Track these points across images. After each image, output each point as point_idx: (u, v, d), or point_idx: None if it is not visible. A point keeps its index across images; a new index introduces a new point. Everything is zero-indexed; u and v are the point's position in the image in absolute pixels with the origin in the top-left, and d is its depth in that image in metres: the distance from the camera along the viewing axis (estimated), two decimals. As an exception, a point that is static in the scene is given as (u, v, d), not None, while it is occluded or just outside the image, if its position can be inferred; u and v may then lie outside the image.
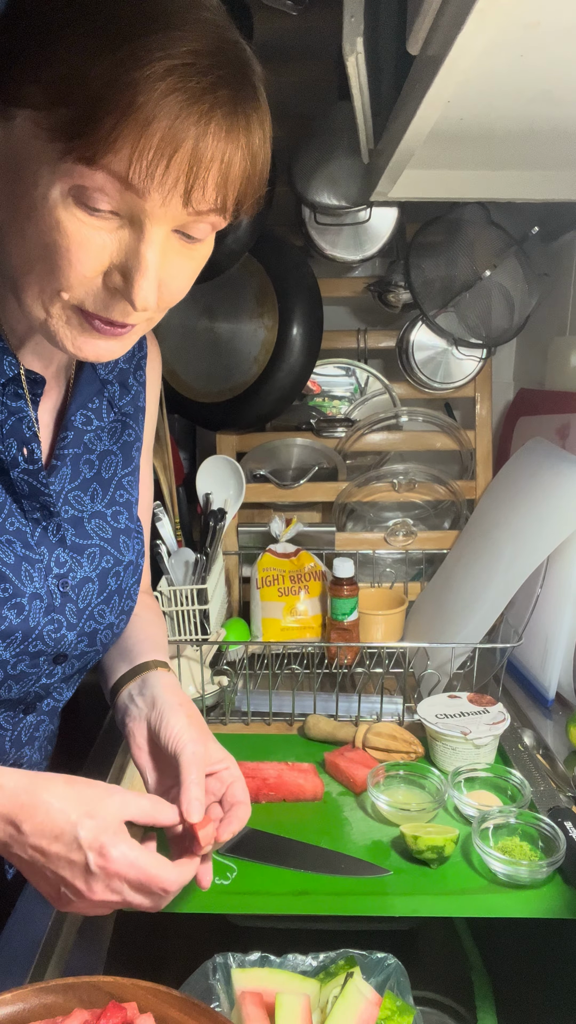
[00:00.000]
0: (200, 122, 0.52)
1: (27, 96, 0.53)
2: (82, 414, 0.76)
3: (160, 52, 0.51)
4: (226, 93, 0.54)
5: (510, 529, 1.24)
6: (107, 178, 0.53)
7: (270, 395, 1.39)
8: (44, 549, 0.72)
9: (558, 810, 0.88)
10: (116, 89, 0.50)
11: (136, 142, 0.51)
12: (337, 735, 1.08)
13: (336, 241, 1.38)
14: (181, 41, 0.51)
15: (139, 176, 0.52)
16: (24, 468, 0.69)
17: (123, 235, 0.56)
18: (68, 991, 0.61)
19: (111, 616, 0.78)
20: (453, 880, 0.82)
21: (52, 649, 0.73)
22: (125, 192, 0.53)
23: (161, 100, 0.51)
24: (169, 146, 0.52)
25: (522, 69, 0.66)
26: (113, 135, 0.51)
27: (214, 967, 0.73)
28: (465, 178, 1.08)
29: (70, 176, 0.53)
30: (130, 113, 0.50)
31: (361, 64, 0.77)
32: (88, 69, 0.51)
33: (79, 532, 0.75)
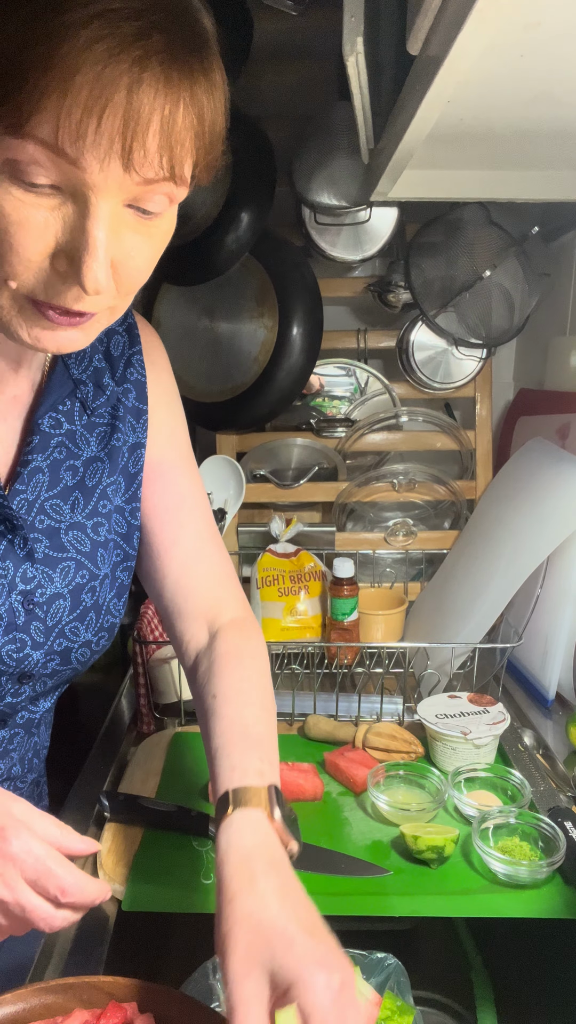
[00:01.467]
0: (132, 70, 0.46)
1: None
2: (51, 417, 0.70)
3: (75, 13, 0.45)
4: (161, 39, 0.47)
5: (510, 529, 1.24)
6: (37, 146, 0.47)
7: (270, 395, 1.39)
8: (9, 563, 0.66)
9: (558, 810, 0.88)
10: (34, 41, 0.44)
11: (61, 99, 0.45)
12: (337, 735, 1.08)
13: (336, 241, 1.38)
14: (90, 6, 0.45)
15: (69, 138, 0.46)
16: None
17: (67, 212, 0.50)
18: (68, 991, 0.61)
19: (87, 634, 0.72)
20: (453, 880, 0.82)
21: (14, 669, 0.68)
22: (59, 161, 0.47)
23: (85, 49, 0.45)
24: (98, 101, 0.46)
25: (522, 69, 0.66)
26: (35, 94, 0.45)
27: (214, 967, 0.73)
28: (465, 178, 1.08)
29: (0, 151, 0.47)
30: (51, 66, 0.44)
31: (361, 64, 0.77)
32: (3, 23, 0.45)
33: (54, 545, 0.69)
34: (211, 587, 0.80)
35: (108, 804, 0.90)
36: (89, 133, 0.46)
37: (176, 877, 0.82)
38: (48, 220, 0.50)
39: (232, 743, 0.67)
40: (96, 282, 0.51)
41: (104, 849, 0.86)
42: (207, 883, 0.81)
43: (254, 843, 0.59)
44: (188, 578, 0.79)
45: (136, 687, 1.13)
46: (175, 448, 0.80)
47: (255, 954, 0.52)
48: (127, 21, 0.45)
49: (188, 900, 0.80)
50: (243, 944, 0.53)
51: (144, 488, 0.78)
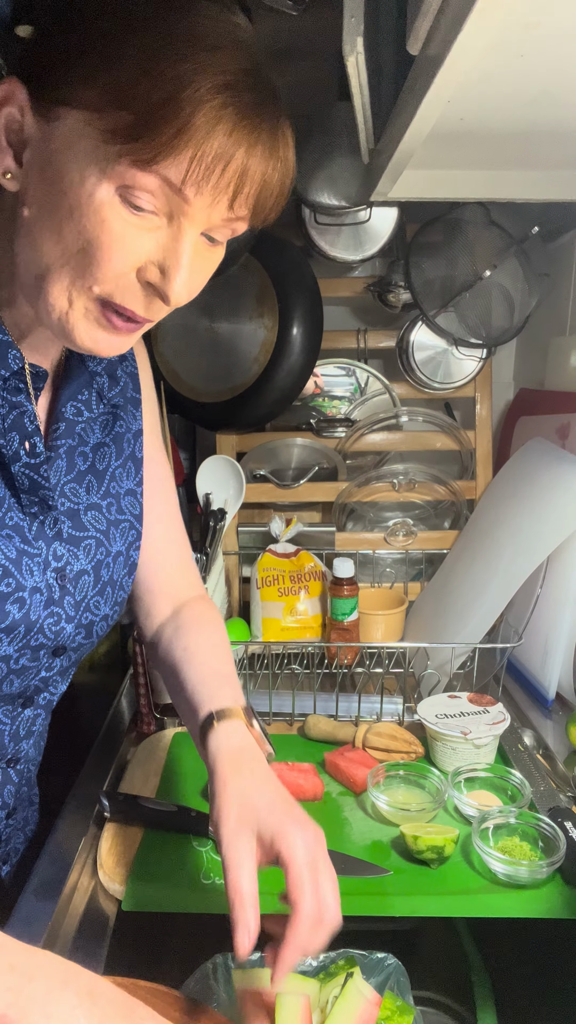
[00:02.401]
0: (250, 136, 0.57)
1: (81, 98, 0.55)
2: (72, 405, 0.76)
3: (217, 68, 0.54)
4: (269, 111, 0.58)
5: (510, 529, 1.24)
6: (159, 181, 0.56)
7: (270, 395, 1.39)
8: (42, 543, 0.72)
9: (558, 810, 0.88)
10: (180, 99, 0.53)
11: (197, 148, 0.55)
12: (337, 735, 1.08)
13: (336, 241, 1.38)
14: (232, 59, 0.55)
15: (195, 179, 0.56)
16: (26, 462, 0.69)
17: (161, 234, 0.59)
18: (68, 991, 0.61)
19: (106, 607, 0.79)
20: (453, 880, 0.82)
21: (52, 642, 0.73)
22: (172, 195, 0.57)
23: (219, 112, 0.54)
24: (223, 157, 0.56)
25: (522, 69, 0.66)
26: (175, 141, 0.54)
27: (214, 967, 0.73)
28: (465, 178, 1.08)
29: (121, 177, 0.55)
30: (191, 121, 0.54)
31: (361, 64, 0.77)
32: (152, 79, 0.53)
33: (75, 524, 0.75)
34: (177, 568, 0.91)
35: (108, 804, 0.90)
36: (213, 178, 0.56)
37: (176, 877, 0.82)
38: (144, 239, 0.58)
39: (207, 679, 0.79)
40: (179, 295, 0.60)
41: (104, 849, 0.86)
42: (207, 883, 0.81)
43: (239, 744, 0.72)
44: (158, 558, 0.87)
45: (136, 687, 1.13)
46: (154, 437, 0.88)
47: (244, 819, 0.65)
48: (247, 92, 0.56)
49: (188, 900, 0.80)
50: (234, 813, 0.66)
51: None
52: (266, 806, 0.66)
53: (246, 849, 0.64)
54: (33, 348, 0.71)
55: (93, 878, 0.84)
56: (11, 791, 0.83)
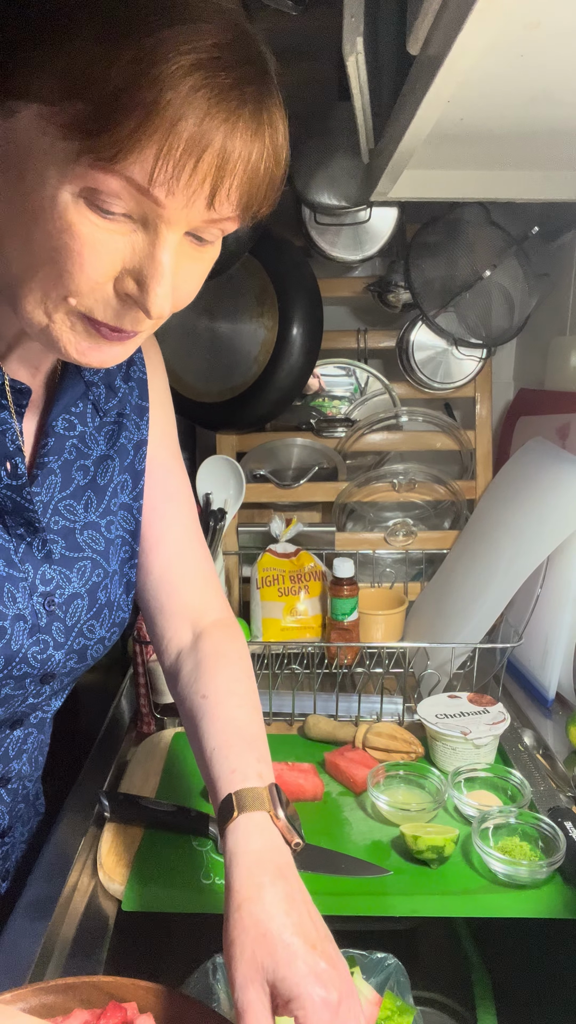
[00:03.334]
0: (228, 120, 0.49)
1: (36, 89, 0.48)
2: (64, 419, 0.71)
3: (186, 45, 0.47)
4: (252, 89, 0.50)
5: (510, 529, 1.24)
6: (124, 181, 0.49)
7: (270, 395, 1.39)
8: (28, 566, 0.67)
9: (558, 810, 0.88)
10: (140, 84, 0.46)
11: (163, 142, 0.47)
12: (337, 735, 1.08)
13: (336, 241, 1.38)
14: (206, 34, 0.48)
15: (164, 178, 0.49)
16: (7, 484, 0.64)
17: (136, 239, 0.52)
18: (68, 991, 0.61)
19: (102, 631, 0.74)
20: (453, 880, 0.82)
21: (38, 671, 0.69)
22: (142, 196, 0.50)
23: (189, 97, 0.47)
24: (197, 146, 0.48)
25: (522, 69, 0.66)
26: (138, 134, 0.47)
27: (214, 967, 0.73)
28: (465, 178, 1.08)
29: (82, 179, 0.49)
30: (156, 110, 0.46)
31: (361, 64, 0.77)
32: (109, 61, 0.46)
33: (69, 545, 0.70)
34: (195, 586, 0.82)
35: (108, 804, 0.90)
36: (184, 176, 0.49)
37: (176, 877, 0.82)
38: (118, 245, 0.52)
39: (228, 744, 0.69)
40: (161, 308, 0.53)
41: (104, 849, 0.86)
42: (207, 883, 0.81)
43: (262, 847, 0.61)
44: (172, 575, 0.80)
45: (136, 687, 1.13)
46: (166, 447, 0.82)
47: (259, 961, 0.55)
48: (225, 71, 0.48)
49: (188, 900, 0.80)
50: (249, 951, 0.55)
51: None
52: (286, 953, 0.55)
53: (262, 998, 0.54)
54: (23, 361, 0.67)
55: (93, 878, 0.84)
56: (2, 811, 0.81)
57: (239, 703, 0.73)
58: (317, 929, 0.58)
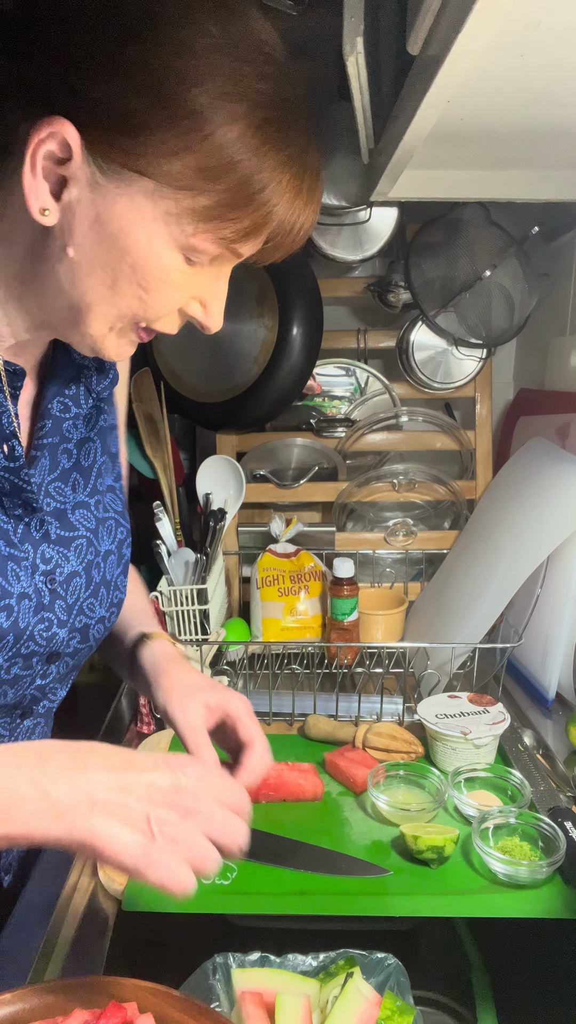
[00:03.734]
0: (305, 212, 0.62)
1: (161, 172, 0.55)
2: (59, 401, 0.74)
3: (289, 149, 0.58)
4: (318, 187, 0.63)
5: (510, 529, 1.24)
6: (226, 250, 0.60)
7: (270, 395, 1.39)
8: (28, 546, 0.70)
9: (558, 810, 0.88)
10: (263, 187, 0.57)
11: (276, 230, 0.61)
12: (337, 735, 1.08)
13: (336, 241, 1.38)
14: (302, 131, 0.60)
15: (259, 254, 0.64)
16: (4, 466, 0.66)
17: (203, 273, 0.63)
18: (68, 991, 0.61)
19: (101, 610, 0.77)
20: (453, 880, 0.82)
21: (44, 649, 0.71)
22: (228, 253, 0.61)
23: (287, 200, 0.59)
24: (287, 233, 0.62)
25: (522, 69, 0.66)
26: (251, 230, 0.59)
27: (214, 967, 0.73)
28: (465, 178, 1.08)
29: (191, 246, 0.59)
30: (266, 212, 0.58)
31: (361, 64, 0.77)
32: (240, 168, 0.56)
33: (64, 525, 0.73)
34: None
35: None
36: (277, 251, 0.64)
37: (176, 877, 0.82)
38: (192, 282, 0.62)
39: (135, 617, 0.88)
40: (220, 325, 0.67)
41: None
42: (207, 883, 0.81)
43: (171, 652, 0.83)
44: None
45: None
46: (123, 431, 0.87)
47: (190, 693, 0.76)
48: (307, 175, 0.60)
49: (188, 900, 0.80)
50: (180, 689, 0.77)
51: None
52: (207, 684, 0.78)
53: (197, 714, 0.75)
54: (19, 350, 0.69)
55: (93, 878, 0.84)
56: None
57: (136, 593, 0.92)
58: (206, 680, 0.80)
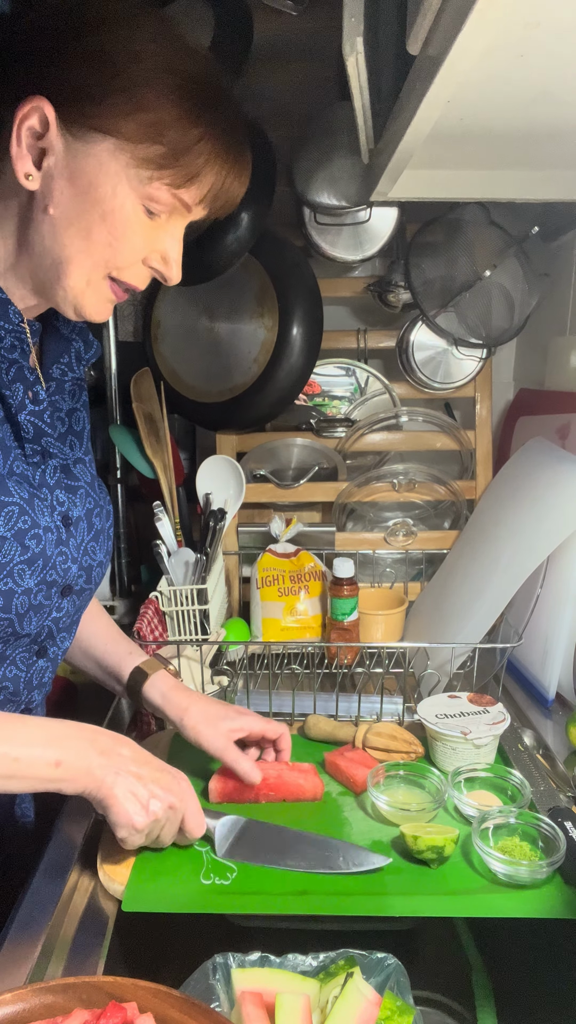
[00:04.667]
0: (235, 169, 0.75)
1: (119, 129, 0.68)
2: (57, 367, 0.85)
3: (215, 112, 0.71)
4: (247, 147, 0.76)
5: (510, 529, 1.24)
6: (175, 199, 0.72)
7: (270, 395, 1.39)
8: (45, 490, 0.81)
9: (558, 810, 0.88)
10: (201, 142, 0.70)
11: (213, 181, 0.73)
12: (337, 735, 1.08)
13: (336, 241, 1.38)
14: (225, 103, 0.72)
15: (201, 203, 0.75)
16: (31, 410, 0.78)
17: (162, 227, 0.74)
18: (68, 991, 0.61)
19: (100, 555, 0.88)
20: (453, 880, 0.82)
21: (62, 579, 0.81)
22: (180, 205, 0.73)
23: (224, 152, 0.72)
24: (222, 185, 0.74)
25: (522, 69, 0.66)
26: (200, 176, 0.72)
27: (214, 967, 0.73)
28: (465, 178, 1.08)
29: (148, 195, 0.71)
30: (211, 161, 0.71)
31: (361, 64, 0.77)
32: (184, 123, 0.69)
33: (68, 476, 0.85)
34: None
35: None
36: (212, 203, 0.76)
37: (176, 877, 0.82)
38: (153, 234, 0.74)
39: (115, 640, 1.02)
40: (178, 275, 0.77)
41: (104, 849, 0.86)
42: (207, 883, 0.81)
43: (171, 685, 0.98)
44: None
45: (136, 687, 1.13)
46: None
47: (213, 721, 0.94)
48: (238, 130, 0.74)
49: (188, 900, 0.80)
50: (204, 719, 0.94)
51: None
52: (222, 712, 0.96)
53: (225, 737, 0.94)
54: (27, 315, 0.79)
55: (93, 878, 0.84)
56: None
57: (105, 618, 1.04)
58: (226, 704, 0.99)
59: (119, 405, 1.59)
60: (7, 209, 0.73)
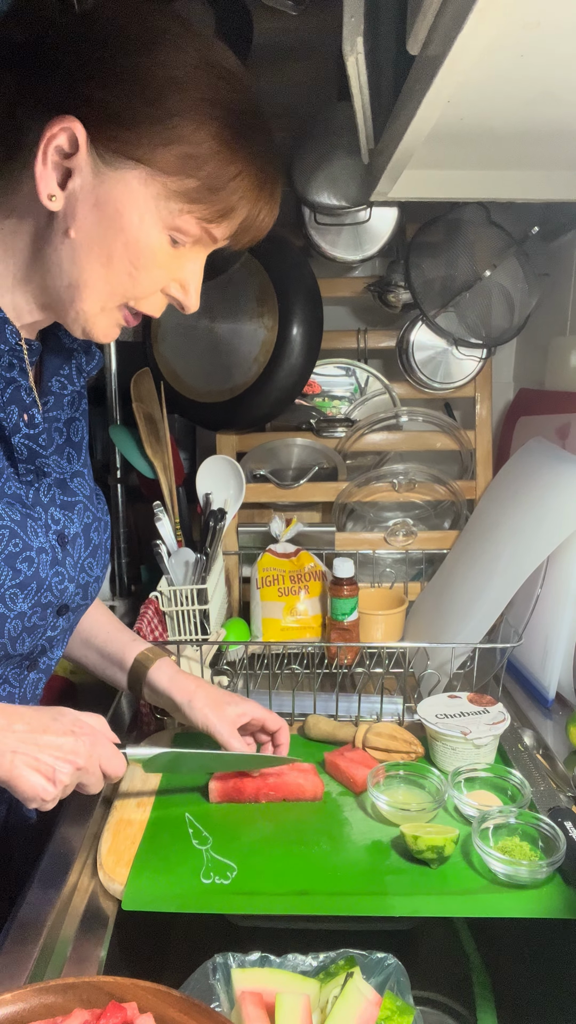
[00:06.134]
0: (272, 203, 0.73)
1: (153, 160, 0.65)
2: (56, 380, 0.82)
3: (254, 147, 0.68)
4: (278, 183, 0.73)
5: (510, 529, 1.24)
6: (206, 233, 0.70)
7: (270, 395, 1.39)
8: (39, 509, 0.78)
9: (558, 810, 0.88)
10: (237, 179, 0.68)
11: (246, 217, 0.71)
12: (337, 735, 1.08)
13: (336, 241, 1.38)
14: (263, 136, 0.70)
15: (230, 238, 0.73)
16: (26, 433, 0.75)
17: (185, 256, 0.72)
18: (68, 991, 0.61)
19: (97, 569, 0.86)
20: (453, 880, 0.82)
21: (57, 600, 0.80)
22: (205, 236, 0.71)
23: (259, 189, 0.70)
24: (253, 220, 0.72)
25: (522, 69, 0.66)
26: (233, 212, 0.70)
27: (214, 967, 0.73)
28: (465, 178, 1.08)
29: (176, 226, 0.69)
30: (249, 195, 0.69)
31: (361, 64, 0.77)
32: (221, 158, 0.66)
33: (65, 491, 0.83)
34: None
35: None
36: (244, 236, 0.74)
37: (176, 877, 0.82)
38: (175, 264, 0.72)
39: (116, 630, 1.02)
40: (197, 305, 0.75)
41: (104, 849, 0.86)
42: (207, 883, 0.81)
43: (176, 670, 0.99)
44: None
45: (136, 687, 1.13)
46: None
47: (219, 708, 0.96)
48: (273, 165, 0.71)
49: (188, 900, 0.80)
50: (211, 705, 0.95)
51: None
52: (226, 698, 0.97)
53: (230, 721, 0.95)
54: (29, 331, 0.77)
55: (93, 878, 0.84)
56: None
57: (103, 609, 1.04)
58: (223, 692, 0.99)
59: (119, 405, 1.59)
60: (22, 224, 0.70)
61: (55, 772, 0.73)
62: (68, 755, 0.75)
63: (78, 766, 0.75)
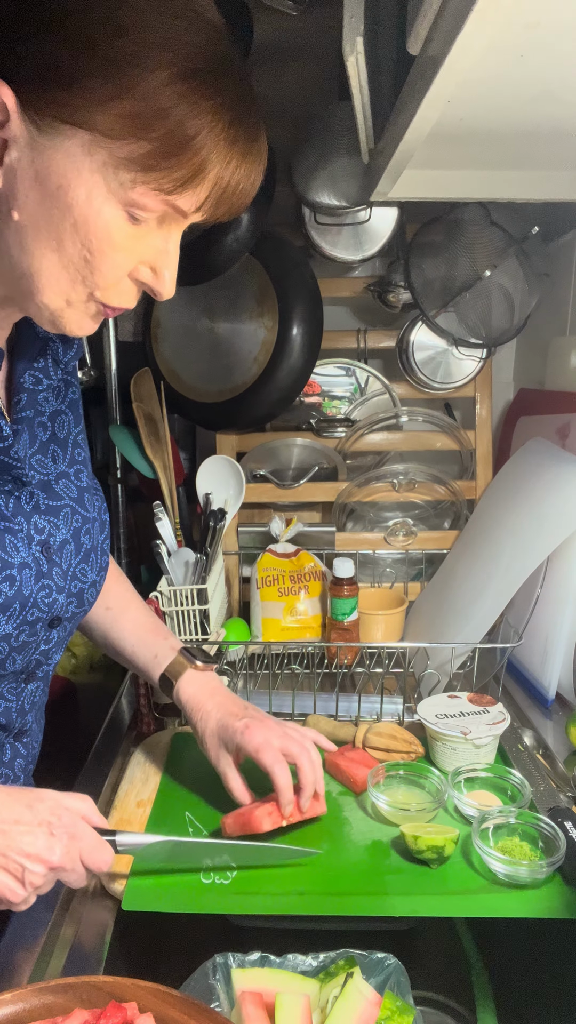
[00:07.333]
0: (251, 166, 0.62)
1: (94, 122, 0.55)
2: (30, 375, 0.75)
3: (220, 98, 0.56)
4: (260, 128, 0.62)
5: (510, 529, 1.24)
6: (168, 206, 0.59)
7: (270, 395, 1.39)
8: (21, 519, 0.72)
9: (558, 810, 0.88)
10: (196, 133, 0.56)
11: (215, 184, 0.59)
12: (337, 735, 1.08)
13: (336, 241, 1.38)
14: (235, 84, 0.58)
15: (200, 209, 0.61)
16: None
17: (151, 236, 0.62)
18: (68, 991, 0.61)
19: (92, 574, 0.80)
20: (453, 880, 0.82)
21: (47, 615, 0.74)
22: (174, 212, 0.60)
23: (230, 148, 0.58)
24: (226, 186, 0.60)
25: (522, 69, 0.66)
26: (195, 179, 0.58)
27: (214, 967, 0.73)
28: (465, 178, 1.08)
29: (131, 200, 0.58)
30: (216, 157, 0.58)
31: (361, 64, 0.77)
32: (175, 114, 0.55)
33: (50, 495, 0.76)
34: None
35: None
36: (209, 205, 0.61)
37: (176, 877, 0.82)
38: (139, 244, 0.61)
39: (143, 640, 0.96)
40: (171, 291, 0.65)
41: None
42: (207, 883, 0.81)
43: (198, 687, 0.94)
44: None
45: (136, 687, 1.13)
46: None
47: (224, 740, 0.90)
48: (246, 124, 0.59)
49: (188, 900, 0.80)
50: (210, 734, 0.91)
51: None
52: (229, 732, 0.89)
53: (228, 762, 0.90)
54: None
55: (93, 878, 0.84)
56: (21, 764, 0.84)
57: (137, 606, 0.98)
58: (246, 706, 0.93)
59: (119, 405, 1.59)
60: None
61: (24, 872, 0.66)
62: (41, 852, 0.66)
63: (52, 865, 0.67)
